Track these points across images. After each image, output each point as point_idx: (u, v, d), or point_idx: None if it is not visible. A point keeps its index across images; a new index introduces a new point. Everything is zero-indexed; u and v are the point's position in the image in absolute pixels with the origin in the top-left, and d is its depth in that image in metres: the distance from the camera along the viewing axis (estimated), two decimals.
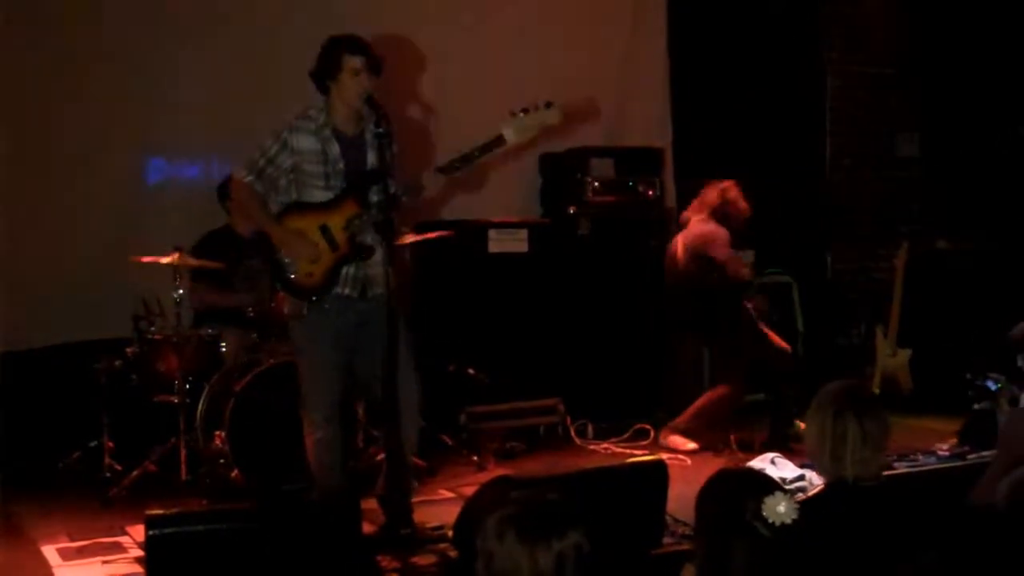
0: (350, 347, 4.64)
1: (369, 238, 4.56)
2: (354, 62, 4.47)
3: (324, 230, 4.55)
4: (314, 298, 4.60)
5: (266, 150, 4.57)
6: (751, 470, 2.86)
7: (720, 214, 6.37)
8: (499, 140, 4.54)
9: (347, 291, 4.60)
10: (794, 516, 2.39)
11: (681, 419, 6.46)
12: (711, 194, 6.42)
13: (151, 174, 6.38)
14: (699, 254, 6.35)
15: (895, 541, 2.89)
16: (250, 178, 4.61)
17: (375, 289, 4.58)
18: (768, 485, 2.50)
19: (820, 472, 3.15)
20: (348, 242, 4.55)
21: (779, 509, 2.40)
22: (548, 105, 4.59)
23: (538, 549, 2.15)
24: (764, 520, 2.40)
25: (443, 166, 4.58)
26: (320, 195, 4.55)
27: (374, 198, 4.54)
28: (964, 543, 3.07)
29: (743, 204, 6.39)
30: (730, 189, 6.40)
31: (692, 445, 6.33)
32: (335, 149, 4.55)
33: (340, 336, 4.62)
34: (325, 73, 4.53)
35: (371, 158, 4.57)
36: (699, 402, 6.48)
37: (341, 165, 4.56)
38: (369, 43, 4.57)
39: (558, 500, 2.25)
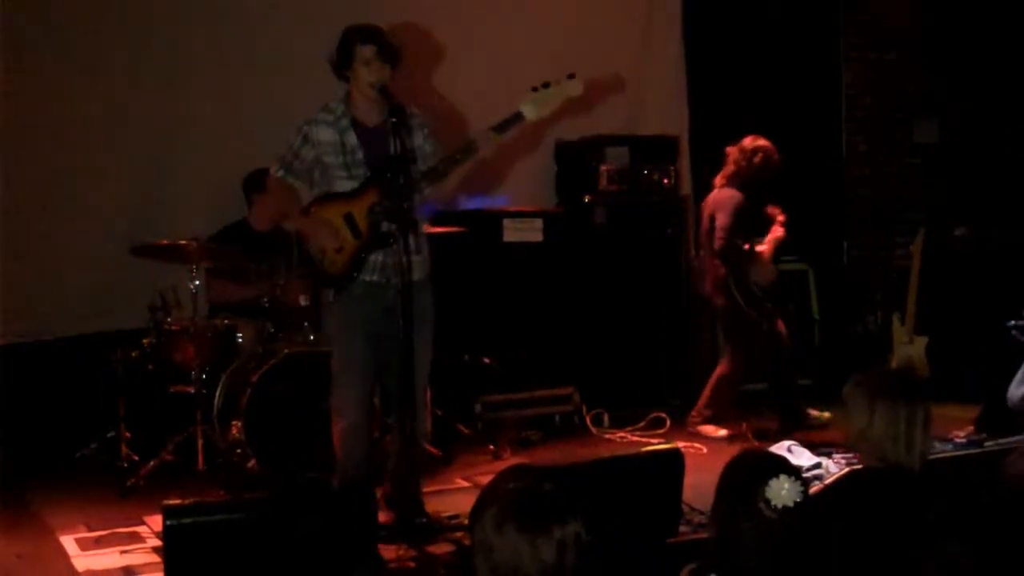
0: (378, 334, 4.64)
1: (398, 225, 4.55)
2: (365, 51, 4.48)
3: (348, 218, 4.57)
4: (340, 286, 4.62)
5: (291, 144, 4.65)
6: (771, 454, 2.86)
7: (738, 177, 6.37)
8: (518, 116, 4.55)
9: (375, 278, 4.61)
10: (796, 498, 2.40)
11: (700, 405, 6.47)
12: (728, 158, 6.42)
13: (168, 166, 6.39)
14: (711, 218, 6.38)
15: (923, 525, 2.88)
16: (281, 172, 4.70)
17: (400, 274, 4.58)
18: (783, 468, 2.50)
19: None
20: (370, 229, 4.55)
21: (782, 492, 2.40)
22: (570, 76, 4.61)
23: (539, 539, 2.15)
24: (768, 502, 2.40)
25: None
26: (345, 184, 4.59)
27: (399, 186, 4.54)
28: (992, 529, 3.05)
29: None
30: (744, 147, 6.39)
31: (723, 432, 6.35)
32: (352, 139, 4.57)
33: (368, 323, 4.63)
34: (340, 63, 4.55)
35: (393, 146, 4.57)
36: (708, 385, 6.50)
37: (360, 155, 4.57)
38: (384, 32, 4.57)
39: (555, 489, 2.24)
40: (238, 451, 5.37)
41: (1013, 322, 4.98)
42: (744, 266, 6.33)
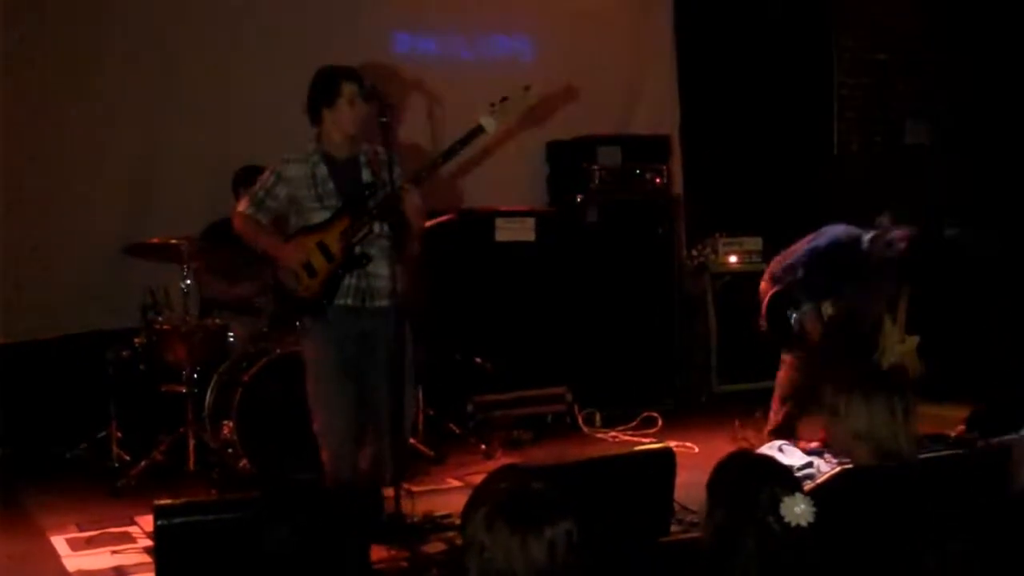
0: (353, 357, 4.64)
1: (373, 250, 4.57)
2: (351, 88, 4.53)
3: (321, 246, 4.59)
4: (316, 311, 4.62)
5: (264, 182, 4.67)
6: (767, 457, 2.84)
7: None
8: (478, 130, 4.60)
9: (348, 301, 4.61)
10: (810, 519, 2.38)
11: None
12: None
13: (160, 166, 6.38)
14: None
15: (923, 524, 2.88)
16: (251, 210, 4.69)
17: (377, 301, 4.60)
18: (782, 476, 2.50)
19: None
20: (343, 252, 4.57)
21: (796, 510, 2.39)
22: (526, 88, 4.68)
23: (529, 538, 2.15)
24: (780, 518, 2.39)
25: (426, 166, 4.64)
26: (318, 216, 4.61)
27: (371, 208, 4.58)
28: (994, 530, 3.05)
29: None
30: None
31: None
32: (323, 170, 4.59)
33: (342, 345, 4.62)
34: (321, 100, 4.57)
35: (365, 176, 4.62)
36: None
37: (331, 185, 4.59)
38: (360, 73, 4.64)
39: (546, 489, 2.24)
40: (229, 451, 5.36)
41: None
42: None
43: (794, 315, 5.89)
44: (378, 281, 4.60)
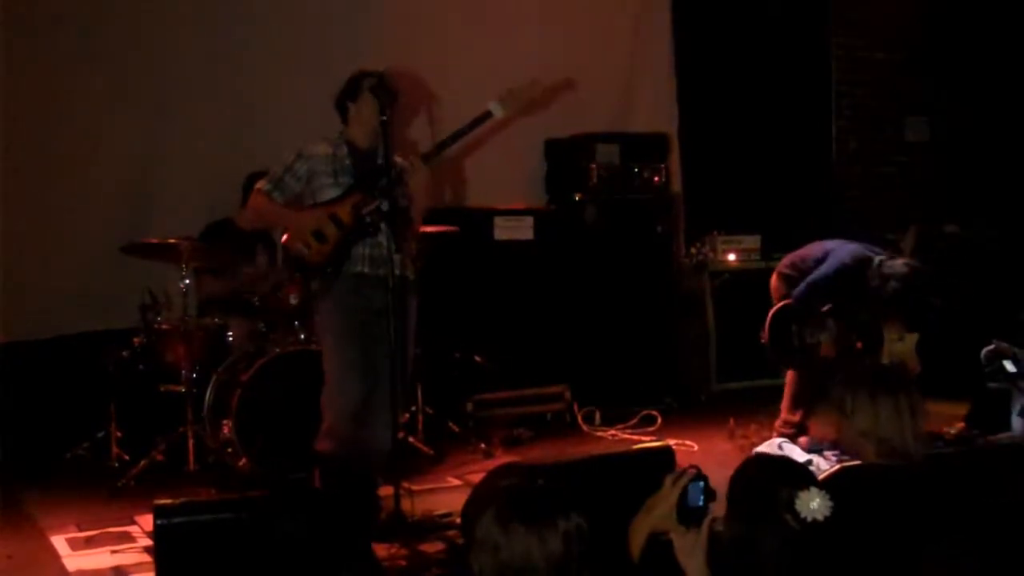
0: (366, 324, 4.68)
1: (383, 223, 4.63)
2: (371, 83, 4.67)
3: (333, 216, 4.69)
4: (325, 273, 4.70)
5: (285, 161, 4.81)
6: (783, 458, 2.85)
7: None
8: (486, 115, 4.76)
9: (364, 269, 4.70)
10: (826, 514, 2.39)
11: None
12: None
13: (158, 166, 6.38)
14: None
15: (926, 521, 2.88)
16: (268, 187, 4.80)
17: (388, 270, 4.63)
18: (803, 476, 2.50)
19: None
20: (353, 220, 4.67)
21: (812, 505, 2.39)
22: (533, 80, 4.86)
23: (546, 532, 2.17)
24: (796, 514, 2.39)
25: (435, 146, 4.84)
26: (331, 193, 4.73)
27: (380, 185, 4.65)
28: (994, 529, 3.05)
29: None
30: None
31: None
32: (343, 151, 4.76)
33: (355, 311, 4.69)
34: (347, 96, 4.76)
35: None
36: None
37: (348, 162, 4.73)
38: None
39: (551, 484, 2.26)
40: (229, 450, 5.36)
41: (987, 368, 4.94)
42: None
43: (796, 330, 5.90)
44: (389, 252, 4.66)
